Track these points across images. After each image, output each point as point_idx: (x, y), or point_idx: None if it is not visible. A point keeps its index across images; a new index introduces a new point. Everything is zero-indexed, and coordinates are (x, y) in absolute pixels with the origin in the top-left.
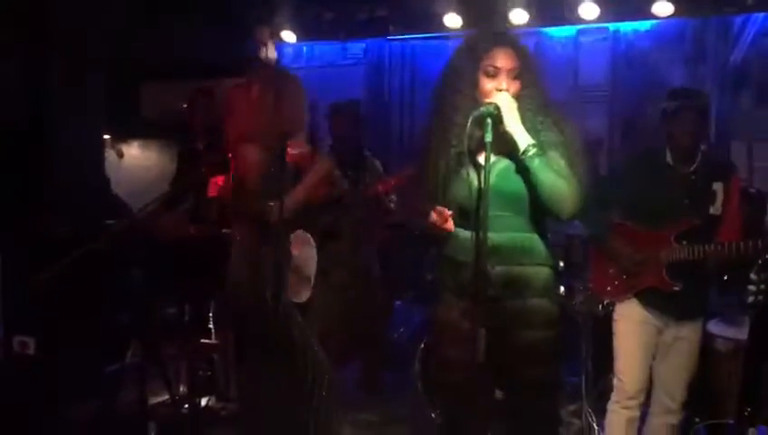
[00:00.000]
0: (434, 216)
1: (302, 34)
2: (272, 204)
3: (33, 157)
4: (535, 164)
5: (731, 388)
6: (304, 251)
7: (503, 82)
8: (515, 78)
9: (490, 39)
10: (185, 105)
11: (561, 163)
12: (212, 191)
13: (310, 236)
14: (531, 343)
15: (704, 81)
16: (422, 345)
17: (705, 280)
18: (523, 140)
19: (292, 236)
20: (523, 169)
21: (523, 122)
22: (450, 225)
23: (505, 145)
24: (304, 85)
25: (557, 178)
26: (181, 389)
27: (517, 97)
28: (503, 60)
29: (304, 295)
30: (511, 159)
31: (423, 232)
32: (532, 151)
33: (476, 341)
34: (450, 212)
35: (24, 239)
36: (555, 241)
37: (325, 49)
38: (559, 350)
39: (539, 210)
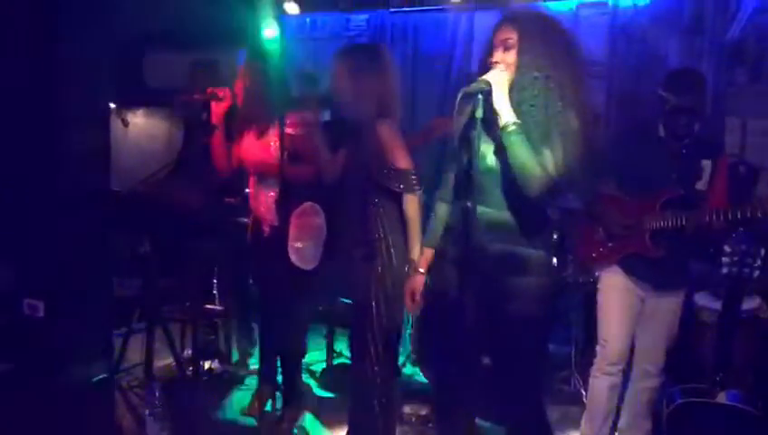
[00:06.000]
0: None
1: (306, 6)
2: None
3: (41, 124)
4: (511, 140)
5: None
6: (310, 221)
7: (499, 55)
8: (510, 51)
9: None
10: (188, 76)
11: (543, 145)
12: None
13: (318, 207)
14: (517, 291)
15: (701, 56)
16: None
17: (687, 250)
18: (506, 116)
19: (300, 208)
20: (502, 145)
21: (519, 98)
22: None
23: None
24: (309, 56)
25: (529, 158)
26: (185, 352)
27: (517, 72)
28: (503, 34)
29: (311, 264)
30: (495, 135)
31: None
32: (511, 128)
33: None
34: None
35: (36, 204)
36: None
37: (328, 20)
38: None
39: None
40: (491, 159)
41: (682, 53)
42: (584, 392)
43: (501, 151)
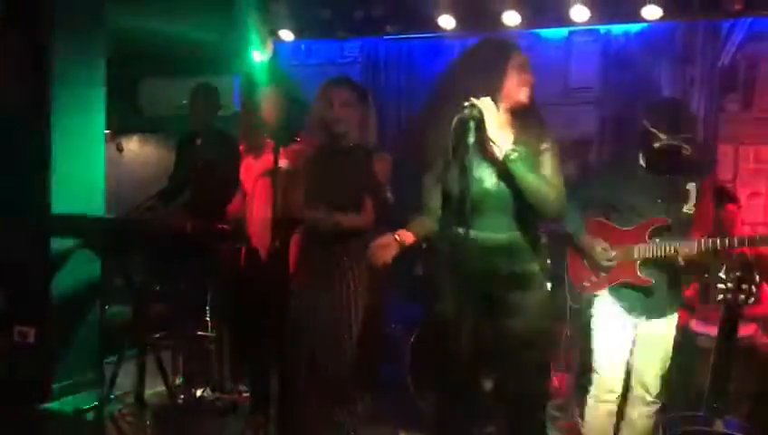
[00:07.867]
0: None
1: (300, 33)
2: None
3: (34, 151)
4: (518, 168)
5: None
6: None
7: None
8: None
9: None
10: (184, 101)
11: (547, 168)
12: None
13: None
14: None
15: (692, 83)
16: (412, 340)
17: (677, 277)
18: (505, 143)
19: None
20: (506, 171)
21: (515, 126)
22: None
23: (489, 148)
24: (302, 83)
25: (541, 182)
26: (177, 380)
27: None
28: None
29: None
30: (493, 161)
31: None
32: (514, 156)
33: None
34: None
35: (28, 232)
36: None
37: (322, 47)
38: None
39: (523, 210)
40: (489, 183)
41: (673, 79)
42: (581, 420)
43: (502, 176)
